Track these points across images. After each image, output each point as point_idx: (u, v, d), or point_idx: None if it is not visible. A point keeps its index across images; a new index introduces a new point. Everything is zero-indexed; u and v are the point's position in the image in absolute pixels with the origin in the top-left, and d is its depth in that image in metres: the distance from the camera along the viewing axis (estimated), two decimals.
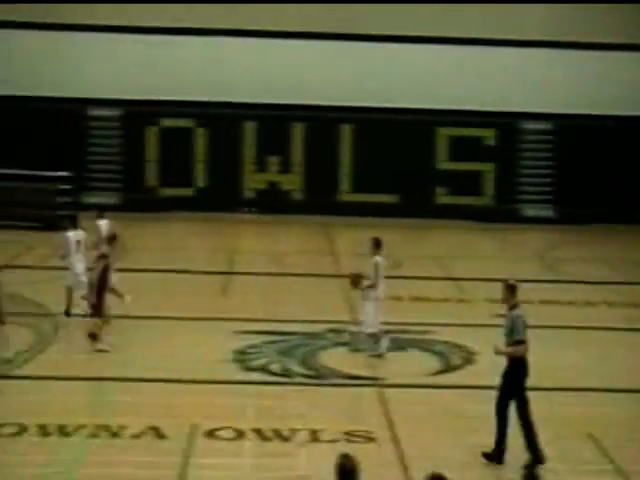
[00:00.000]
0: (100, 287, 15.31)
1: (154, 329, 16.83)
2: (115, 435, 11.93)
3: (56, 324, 16.70)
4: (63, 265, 17.65)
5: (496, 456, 11.32)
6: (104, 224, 18.52)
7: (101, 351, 15.17)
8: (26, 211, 25.96)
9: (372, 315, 15.16)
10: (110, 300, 15.55)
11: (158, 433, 12.04)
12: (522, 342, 11.16)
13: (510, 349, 11.20)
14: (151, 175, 29.56)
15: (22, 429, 11.99)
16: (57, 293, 17.38)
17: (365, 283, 15.28)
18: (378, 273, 15.17)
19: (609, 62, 29.49)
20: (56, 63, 29.25)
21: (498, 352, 11.28)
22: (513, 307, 11.37)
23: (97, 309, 15.33)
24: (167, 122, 29.59)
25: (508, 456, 11.35)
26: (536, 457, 11.16)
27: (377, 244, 15.44)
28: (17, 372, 14.22)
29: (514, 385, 11.26)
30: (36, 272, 20.78)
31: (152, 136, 29.60)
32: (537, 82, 29.41)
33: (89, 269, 16.30)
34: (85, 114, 29.67)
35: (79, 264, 17.35)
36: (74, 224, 18.17)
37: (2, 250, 22.73)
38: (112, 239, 16.24)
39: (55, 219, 26.02)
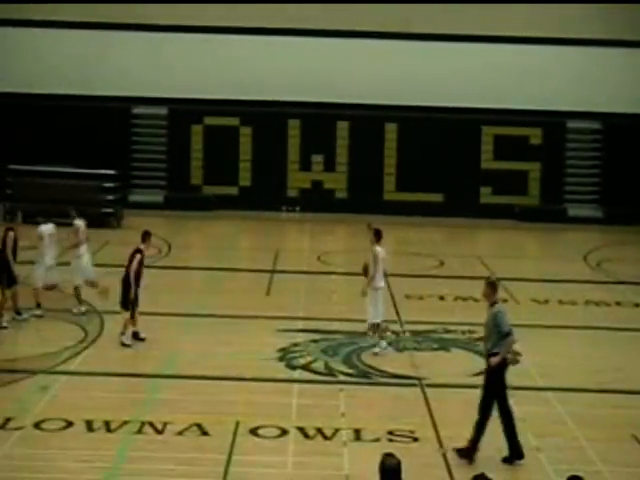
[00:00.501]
0: (135, 282, 15.43)
1: (199, 327, 16.91)
2: (159, 431, 12.01)
3: (102, 320, 16.84)
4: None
5: (515, 454, 11.32)
6: (82, 224, 18.42)
7: (125, 345, 15.28)
8: (74, 208, 26.12)
9: (371, 305, 15.25)
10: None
11: (202, 430, 12.10)
12: (509, 334, 11.37)
13: (504, 349, 11.37)
14: (195, 173, 29.70)
15: (68, 424, 12.12)
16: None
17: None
18: (377, 263, 15.13)
19: None
20: (103, 62, 29.47)
21: (495, 363, 11.34)
22: (493, 304, 11.57)
23: (129, 304, 15.44)
24: (212, 120, 29.70)
25: (550, 456, 11.27)
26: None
27: (377, 234, 15.47)
28: (63, 368, 14.36)
29: (496, 382, 11.39)
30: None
31: (197, 134, 29.73)
32: (584, 81, 29.13)
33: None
34: (131, 112, 29.90)
35: (49, 257, 17.48)
36: (48, 218, 18.26)
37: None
38: (147, 235, 16.27)
39: (100, 216, 26.32)
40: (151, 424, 12.19)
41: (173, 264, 21.71)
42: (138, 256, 15.62)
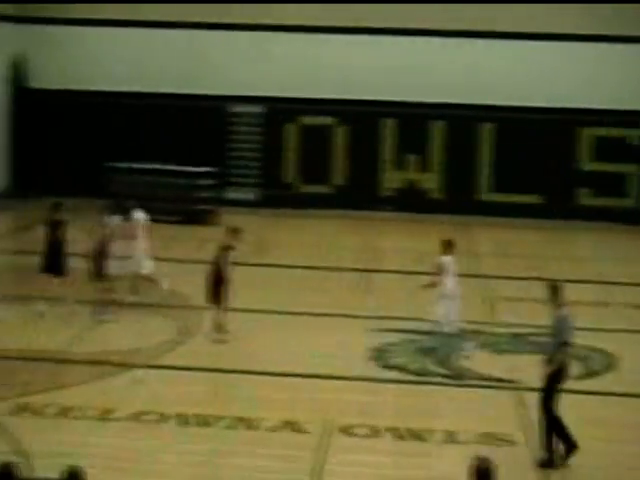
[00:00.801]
0: (225, 279, 15.66)
1: (293, 325, 16.98)
2: (252, 427, 12.09)
3: (197, 316, 17.02)
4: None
5: (568, 452, 11.21)
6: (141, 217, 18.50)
7: (220, 341, 15.40)
8: (169, 205, 26.54)
9: (441, 314, 15.29)
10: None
11: (294, 427, 12.13)
12: (565, 344, 11.19)
13: (558, 359, 11.23)
14: (290, 172, 29.85)
15: (163, 418, 12.29)
16: (197, 285, 17.69)
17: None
18: (443, 272, 15.33)
19: None
20: (201, 61, 29.85)
21: (548, 372, 11.30)
22: (559, 307, 11.37)
23: (219, 300, 15.61)
24: (307, 120, 29.79)
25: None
26: (551, 458, 11.11)
27: (448, 246, 15.63)
28: (159, 362, 14.56)
29: (553, 386, 11.26)
30: (176, 265, 21.24)
31: (292, 133, 29.87)
32: None
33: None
34: (227, 111, 30.20)
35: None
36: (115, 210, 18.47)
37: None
38: (237, 232, 16.35)
39: (196, 214, 26.64)
40: (244, 420, 12.27)
41: (266, 261, 21.84)
42: (228, 253, 15.63)
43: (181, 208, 26.62)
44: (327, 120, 29.67)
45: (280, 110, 29.69)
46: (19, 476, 7.66)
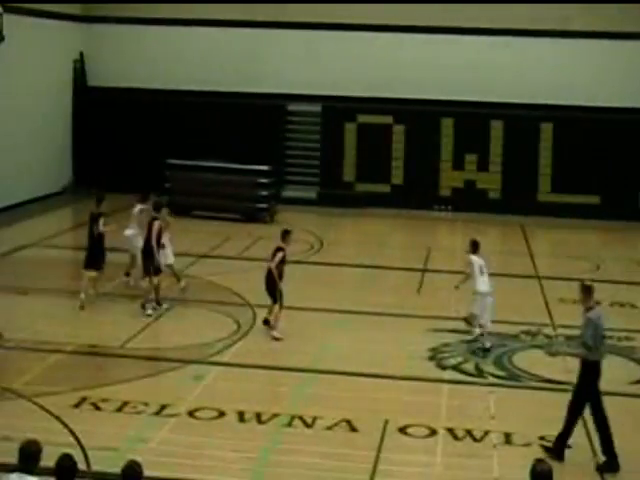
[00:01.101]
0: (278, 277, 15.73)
1: (349, 323, 16.97)
2: (309, 426, 12.11)
3: (254, 313, 17.11)
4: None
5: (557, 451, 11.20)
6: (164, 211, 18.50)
7: (276, 339, 15.45)
8: (228, 203, 26.71)
9: (476, 312, 15.53)
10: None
11: (351, 426, 12.12)
12: (588, 346, 11.09)
13: (575, 351, 11.40)
14: (348, 171, 29.84)
15: (220, 414, 12.36)
16: (253, 283, 17.79)
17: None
18: (472, 271, 15.56)
19: None
20: (259, 60, 29.98)
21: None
22: (589, 309, 11.28)
23: (278, 297, 15.69)
24: (365, 118, 29.77)
25: None
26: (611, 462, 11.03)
27: (474, 245, 15.87)
28: (216, 359, 14.65)
29: (586, 388, 11.17)
30: (233, 262, 21.37)
31: (350, 132, 29.86)
32: None
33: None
34: (286, 109, 30.29)
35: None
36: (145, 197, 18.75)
37: (204, 240, 23.52)
38: (287, 234, 16.50)
39: (254, 211, 26.76)
40: (301, 418, 12.30)
41: (324, 260, 21.86)
42: (280, 254, 15.79)
43: (239, 206, 26.76)
44: (385, 119, 29.61)
45: (338, 109, 29.71)
46: (78, 469, 7.75)
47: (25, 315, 16.56)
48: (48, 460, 7.74)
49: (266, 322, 15.95)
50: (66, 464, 7.55)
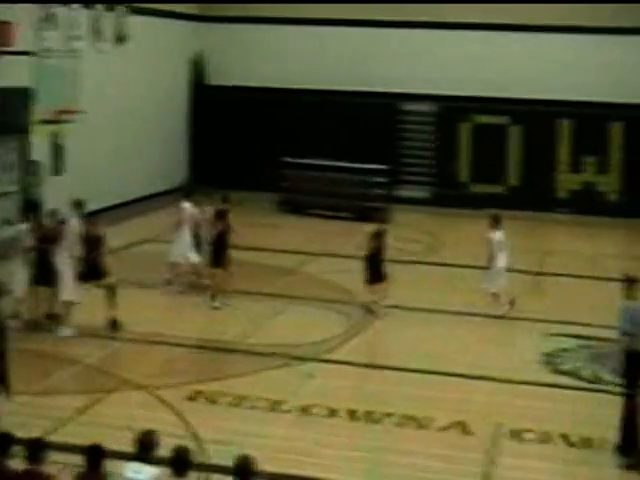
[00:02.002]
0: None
1: (463, 324, 16.85)
2: (422, 427, 12.06)
3: (366, 312, 17.13)
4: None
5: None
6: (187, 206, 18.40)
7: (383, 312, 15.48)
8: (342, 202, 26.78)
9: (491, 278, 16.96)
10: None
11: (464, 429, 12.04)
12: (626, 334, 11.11)
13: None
14: (463, 171, 29.61)
15: (332, 412, 12.41)
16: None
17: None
18: (493, 246, 16.96)
19: None
20: (375, 59, 29.96)
21: None
22: (630, 298, 11.30)
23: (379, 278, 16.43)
24: (481, 119, 29.48)
25: None
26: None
27: (495, 220, 17.18)
28: (329, 356, 14.72)
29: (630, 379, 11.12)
30: (347, 261, 21.40)
31: (465, 132, 29.61)
32: None
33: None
34: (400, 109, 30.22)
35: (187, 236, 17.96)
36: (188, 195, 18.55)
37: (318, 238, 23.66)
38: (380, 233, 16.95)
39: (368, 211, 26.73)
40: (414, 418, 12.27)
41: (438, 260, 21.75)
42: (378, 240, 16.99)
43: (353, 205, 26.80)
44: (501, 119, 29.26)
45: (453, 109, 29.49)
46: (193, 461, 7.90)
47: (145, 308, 16.94)
48: (164, 450, 7.91)
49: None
50: (182, 456, 7.70)
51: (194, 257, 18.03)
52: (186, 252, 17.96)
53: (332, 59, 30.21)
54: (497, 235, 16.95)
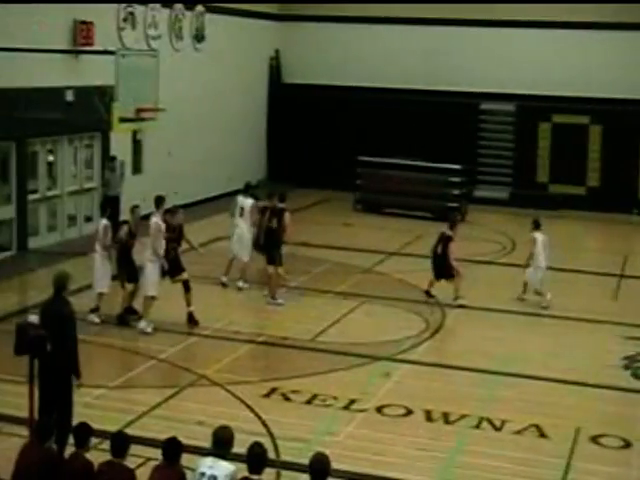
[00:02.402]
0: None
1: (539, 327, 16.64)
2: (497, 428, 11.91)
3: (443, 312, 17.00)
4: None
5: None
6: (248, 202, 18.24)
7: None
8: (418, 201, 26.63)
9: (531, 279, 17.80)
10: None
11: (540, 432, 11.84)
12: None
13: None
14: (542, 171, 29.20)
15: (408, 412, 12.33)
16: (443, 282, 17.70)
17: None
18: (535, 247, 17.84)
19: None
20: (452, 58, 29.75)
21: None
22: None
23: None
24: (560, 118, 29.06)
25: None
26: None
27: (536, 224, 18.23)
28: (405, 356, 14.62)
29: None
30: (423, 261, 21.23)
31: (544, 132, 29.22)
32: None
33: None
34: (479, 108, 29.95)
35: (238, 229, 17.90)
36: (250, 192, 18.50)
37: (394, 238, 23.55)
38: (454, 223, 18.06)
39: (445, 210, 26.53)
40: (489, 420, 12.11)
41: (516, 261, 21.43)
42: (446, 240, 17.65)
43: (430, 204, 26.63)
44: (581, 119, 28.80)
45: (533, 108, 29.11)
46: (268, 457, 7.88)
47: (221, 305, 17.04)
48: (238, 447, 7.91)
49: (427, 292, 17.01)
50: (257, 452, 7.69)
51: (245, 255, 18.06)
52: (242, 250, 18.01)
53: (409, 58, 30.07)
54: (540, 237, 17.97)
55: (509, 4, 28.72)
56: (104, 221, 15.80)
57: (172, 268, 15.63)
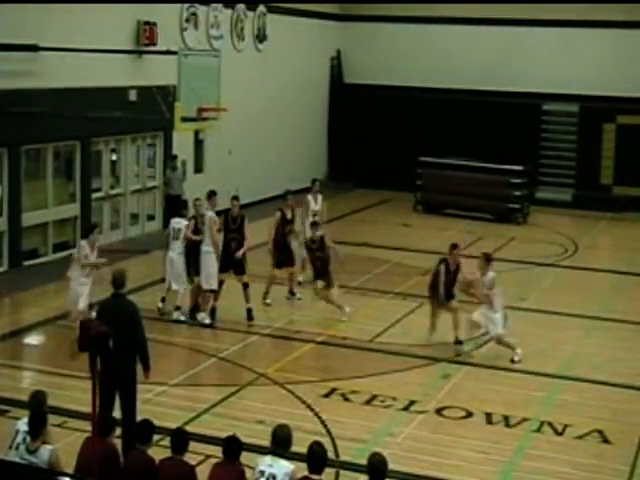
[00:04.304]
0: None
1: (602, 331, 16.40)
2: (559, 433, 11.75)
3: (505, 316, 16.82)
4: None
5: None
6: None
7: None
8: (479, 202, 26.43)
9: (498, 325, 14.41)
10: None
11: (603, 437, 11.66)
12: None
13: None
14: (606, 173, 28.81)
15: (468, 414, 12.24)
16: (505, 284, 17.45)
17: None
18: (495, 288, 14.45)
19: None
20: (513, 58, 29.51)
21: None
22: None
23: None
24: (624, 119, 28.64)
25: None
26: None
27: (487, 258, 14.66)
28: (465, 358, 14.52)
29: None
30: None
31: (609, 133, 28.82)
32: None
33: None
34: (541, 109, 29.66)
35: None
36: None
37: (455, 239, 23.26)
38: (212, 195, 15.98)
39: (506, 212, 26.34)
40: (550, 424, 11.96)
41: (578, 264, 21.23)
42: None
43: (491, 205, 26.44)
44: None
45: (597, 109, 28.73)
46: (328, 458, 7.86)
47: (279, 304, 17.06)
48: (297, 446, 7.91)
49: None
50: (317, 452, 7.68)
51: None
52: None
53: (471, 58, 29.88)
54: (489, 275, 14.44)
55: (573, 4, 28.35)
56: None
57: (235, 265, 15.71)
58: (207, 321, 15.47)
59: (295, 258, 17.37)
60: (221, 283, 15.76)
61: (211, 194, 15.94)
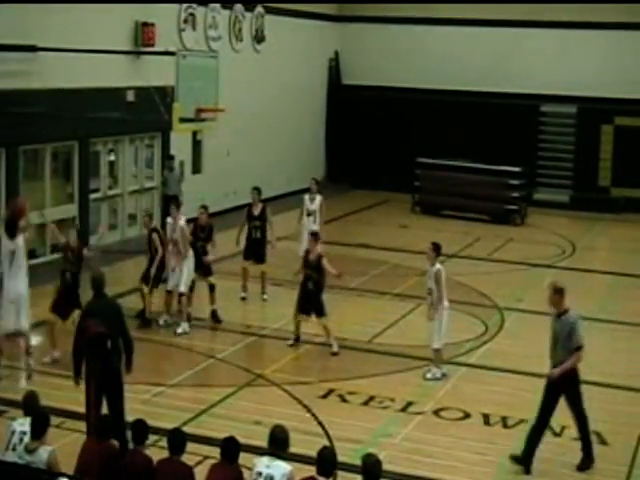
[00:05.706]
0: None
1: (598, 332, 16.27)
2: (557, 434, 11.76)
3: (502, 315, 16.85)
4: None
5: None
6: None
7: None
8: (477, 203, 26.45)
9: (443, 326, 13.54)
10: None
11: (600, 439, 11.66)
12: (579, 348, 11.01)
13: (570, 362, 10.97)
14: (604, 174, 28.83)
15: (465, 415, 12.25)
16: (501, 285, 17.55)
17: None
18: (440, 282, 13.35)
19: None
20: (511, 60, 29.52)
21: (556, 375, 10.94)
22: (565, 312, 11.04)
23: None
24: (622, 120, 28.66)
25: None
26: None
27: (437, 250, 13.51)
28: (463, 359, 14.53)
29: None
30: (482, 263, 21.15)
31: (607, 134, 28.84)
32: None
33: None
34: (539, 110, 29.67)
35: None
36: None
37: (452, 240, 23.37)
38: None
39: (504, 213, 26.36)
40: (548, 425, 11.92)
41: (576, 265, 21.24)
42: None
43: (489, 207, 26.46)
44: None
45: (595, 110, 28.75)
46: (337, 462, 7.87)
47: (278, 305, 17.03)
48: (295, 447, 7.91)
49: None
50: (327, 455, 7.72)
51: None
52: None
53: (469, 59, 29.89)
54: (435, 267, 13.41)
55: (570, 4, 28.36)
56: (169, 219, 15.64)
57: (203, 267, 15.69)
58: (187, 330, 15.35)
59: (266, 256, 17.32)
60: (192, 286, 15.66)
61: (178, 204, 15.86)
